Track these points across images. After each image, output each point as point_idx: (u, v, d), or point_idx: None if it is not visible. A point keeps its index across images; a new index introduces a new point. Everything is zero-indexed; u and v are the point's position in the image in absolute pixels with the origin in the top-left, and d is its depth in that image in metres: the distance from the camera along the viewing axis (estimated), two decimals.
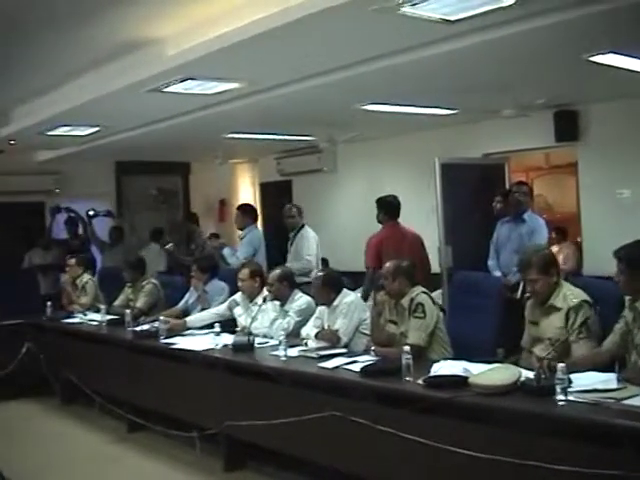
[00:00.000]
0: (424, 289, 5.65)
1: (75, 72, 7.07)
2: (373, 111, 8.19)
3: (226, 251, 8.99)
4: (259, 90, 7.08)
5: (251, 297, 6.93)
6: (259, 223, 10.47)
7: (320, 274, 6.44)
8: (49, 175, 11.99)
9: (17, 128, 8.85)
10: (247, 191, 13.77)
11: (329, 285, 6.20)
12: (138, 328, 7.35)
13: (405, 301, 5.57)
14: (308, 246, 8.44)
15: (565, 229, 10.41)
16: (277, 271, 6.76)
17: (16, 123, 8.83)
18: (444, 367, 4.64)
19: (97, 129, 9.02)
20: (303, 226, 8.65)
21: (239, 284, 6.99)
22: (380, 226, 8.18)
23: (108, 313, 8.19)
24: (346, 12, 4.75)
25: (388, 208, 8.14)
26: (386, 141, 10.75)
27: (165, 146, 10.52)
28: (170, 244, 10.65)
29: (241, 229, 9.15)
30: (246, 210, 9.31)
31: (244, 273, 6.95)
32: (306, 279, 7.69)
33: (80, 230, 11.58)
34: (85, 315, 8.58)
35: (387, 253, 7.32)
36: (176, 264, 10.61)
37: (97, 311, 8.36)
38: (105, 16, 5.54)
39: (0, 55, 6.37)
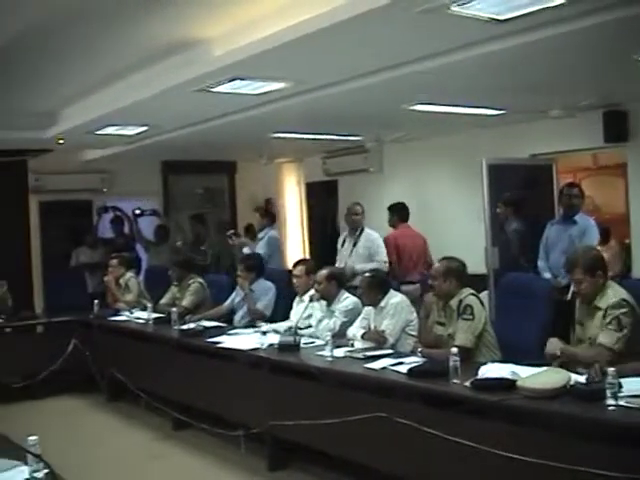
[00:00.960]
0: (473, 291, 5.60)
1: (123, 72, 7.11)
2: (420, 111, 8.15)
3: (246, 250, 9.30)
4: (306, 90, 7.07)
5: (329, 300, 6.75)
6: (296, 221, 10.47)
7: (367, 275, 6.42)
8: (96, 174, 12.10)
9: (66, 127, 8.93)
10: (293, 190, 13.77)
11: (376, 286, 6.18)
12: (184, 326, 7.38)
13: (454, 302, 5.52)
14: (383, 249, 8.40)
15: (609, 230, 10.26)
16: (324, 271, 6.75)
17: (65, 123, 8.92)
18: (492, 370, 4.60)
19: (145, 129, 9.07)
20: (364, 227, 8.59)
21: (294, 280, 6.93)
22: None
23: (154, 311, 8.25)
24: (393, 13, 4.72)
25: (401, 212, 9.24)
26: (433, 141, 10.69)
27: (211, 145, 10.56)
28: (179, 242, 10.83)
29: (259, 231, 9.59)
30: (264, 214, 9.81)
31: (299, 270, 6.89)
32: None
33: (126, 229, 11.67)
34: (132, 313, 8.66)
35: (403, 250, 8.84)
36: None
37: (143, 309, 8.43)
38: (153, 17, 5.57)
39: (49, 55, 6.42)
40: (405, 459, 4.85)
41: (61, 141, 9.51)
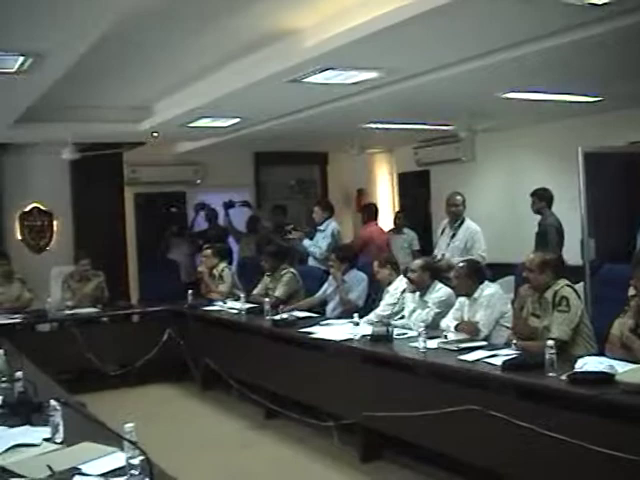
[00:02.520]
0: (568, 282, 5.48)
1: (216, 65, 7.16)
2: (514, 99, 8.01)
3: (306, 242, 9.37)
4: (398, 79, 7.01)
5: (422, 290, 6.69)
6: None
7: (463, 264, 6.34)
8: (190, 166, 12.26)
9: (159, 120, 9.05)
10: (384, 181, 13.71)
11: (471, 275, 6.11)
12: (277, 317, 7.42)
13: (549, 294, 5.41)
14: (482, 242, 8.28)
15: None
16: (419, 260, 6.70)
17: (158, 115, 9.04)
18: (589, 363, 4.49)
19: (237, 120, 9.14)
20: (464, 218, 8.47)
21: (409, 275, 6.77)
22: None
23: (247, 301, 8.30)
24: None
25: (373, 212, 11.11)
26: (526, 130, 10.50)
27: (303, 136, 10.58)
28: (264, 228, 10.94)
29: (320, 223, 9.51)
30: (325, 206, 9.76)
31: (415, 265, 6.80)
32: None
33: (219, 220, 11.78)
34: (225, 303, 8.74)
35: (374, 245, 10.23)
36: None
37: (236, 299, 8.51)
38: (244, 9, 5.59)
39: (144, 49, 6.51)
40: (498, 453, 4.79)
41: (155, 134, 9.64)
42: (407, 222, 10.94)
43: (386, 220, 13.40)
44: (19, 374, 4.48)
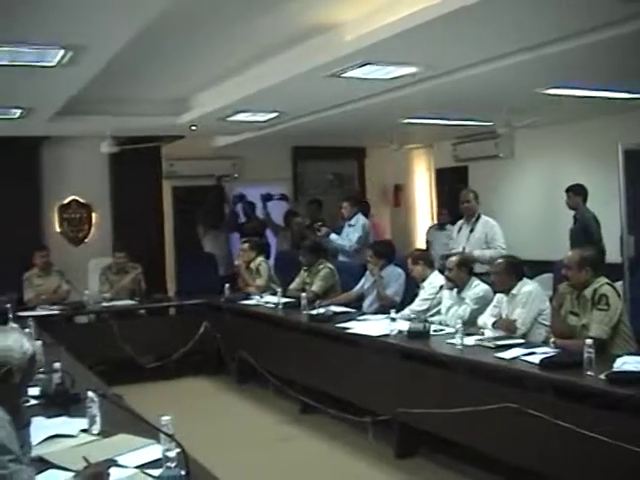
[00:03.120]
0: (608, 280, 5.42)
1: (255, 59, 7.16)
2: (554, 95, 7.92)
3: (333, 236, 9.47)
4: (437, 74, 6.96)
5: (459, 286, 6.65)
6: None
7: (502, 260, 6.29)
8: (227, 160, 12.27)
9: (198, 114, 9.06)
10: (422, 176, 13.67)
11: (510, 271, 6.06)
12: (313, 311, 7.42)
13: (588, 292, 5.36)
14: (500, 235, 8.21)
15: None
16: (455, 257, 6.66)
17: (197, 109, 9.05)
18: (628, 362, 4.46)
19: (276, 115, 9.13)
20: (480, 214, 8.42)
21: (446, 274, 6.76)
22: None
23: (284, 296, 8.32)
24: None
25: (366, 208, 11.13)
26: (566, 126, 10.39)
27: (341, 131, 10.55)
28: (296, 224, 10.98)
29: (350, 218, 9.65)
30: (354, 202, 9.94)
31: (452, 262, 6.75)
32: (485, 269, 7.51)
33: (258, 213, 11.79)
34: (262, 297, 8.75)
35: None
36: None
37: (273, 293, 8.51)
38: (284, 2, 5.58)
39: (182, 43, 6.52)
40: (534, 451, 4.76)
41: (194, 127, 9.67)
42: (449, 219, 10.89)
43: (424, 216, 13.41)
44: (57, 365, 4.52)
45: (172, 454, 3.01)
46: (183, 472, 2.97)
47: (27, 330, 5.79)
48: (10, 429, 2.68)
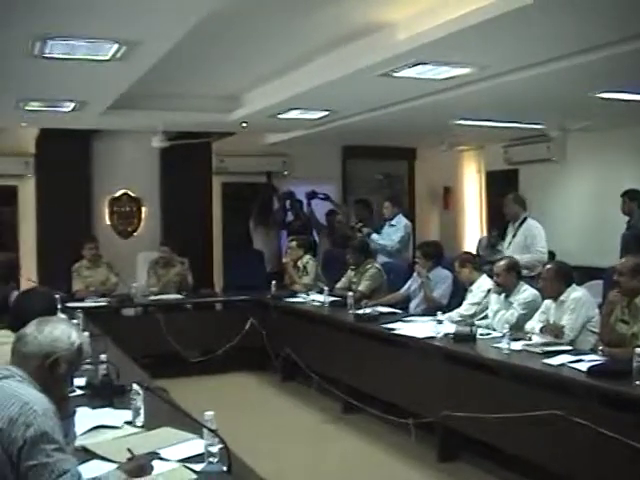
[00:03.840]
0: None
1: (307, 57, 7.16)
2: (608, 99, 7.82)
3: (374, 236, 9.39)
4: (490, 76, 6.91)
5: (507, 291, 6.54)
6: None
7: (551, 265, 6.20)
8: (277, 157, 12.29)
9: (249, 111, 9.08)
10: (472, 179, 13.56)
11: (560, 277, 5.97)
12: (360, 311, 7.39)
13: (639, 300, 5.27)
14: (541, 239, 8.07)
15: None
16: (504, 261, 6.60)
17: (248, 106, 9.08)
18: None
19: (327, 113, 9.13)
20: (526, 218, 8.25)
21: (495, 278, 6.65)
22: None
23: (330, 294, 8.31)
24: None
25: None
26: (619, 130, 10.25)
27: (392, 131, 10.51)
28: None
29: (391, 218, 9.59)
30: (395, 202, 9.85)
31: (499, 267, 6.64)
32: (532, 273, 7.42)
33: (304, 210, 11.79)
34: (308, 295, 8.76)
35: None
36: None
37: (320, 292, 8.51)
38: (338, 1, 5.57)
39: (235, 40, 6.54)
40: (579, 460, 4.70)
41: (244, 124, 9.70)
42: (499, 240, 10.77)
43: (473, 219, 13.31)
44: (103, 357, 4.56)
45: (214, 449, 3.02)
46: (225, 467, 2.98)
47: (75, 321, 5.85)
48: (55, 419, 2.70)
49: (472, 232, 13.29)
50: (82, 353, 2.95)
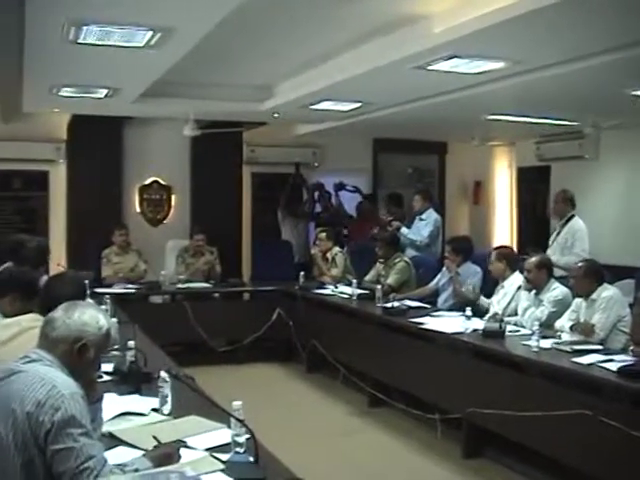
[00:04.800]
0: None
1: (340, 48, 7.12)
2: None
3: (404, 230, 9.39)
4: (524, 71, 6.84)
5: (538, 288, 6.50)
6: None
7: (582, 264, 6.15)
8: (308, 148, 12.25)
9: (281, 101, 9.06)
10: (503, 174, 13.45)
11: (591, 276, 5.92)
12: (388, 304, 7.37)
13: None
14: (583, 241, 7.97)
15: None
16: (534, 258, 6.54)
17: (280, 96, 9.05)
18: None
19: (359, 105, 9.08)
20: (573, 216, 8.16)
21: (525, 274, 6.62)
22: None
23: (359, 287, 8.28)
24: None
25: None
26: None
27: (423, 124, 10.45)
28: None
29: (421, 212, 9.58)
30: (426, 196, 9.84)
31: (530, 263, 6.58)
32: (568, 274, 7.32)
33: (333, 201, 11.77)
34: (336, 287, 8.75)
35: None
36: None
37: (348, 284, 8.51)
38: None
39: (268, 29, 6.52)
40: (607, 461, 4.66)
41: (276, 114, 9.69)
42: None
43: (503, 214, 13.22)
44: (131, 343, 4.57)
45: (241, 439, 3.01)
46: (251, 458, 2.97)
47: (103, 307, 5.87)
48: (83, 403, 2.71)
49: (502, 228, 13.20)
50: (110, 338, 2.96)
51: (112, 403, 3.69)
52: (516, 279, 6.91)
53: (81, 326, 2.83)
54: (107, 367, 4.40)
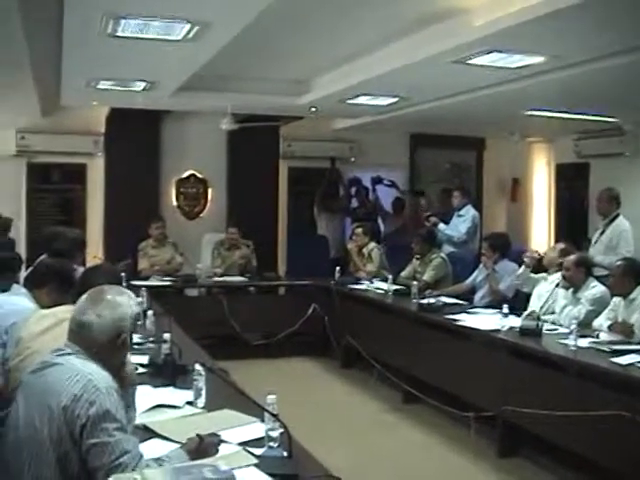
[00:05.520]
0: None
1: (378, 42, 7.10)
2: None
3: (442, 226, 9.38)
4: (564, 65, 6.78)
5: (576, 286, 6.41)
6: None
7: (621, 262, 6.06)
8: (345, 143, 12.23)
9: (318, 96, 9.05)
10: (541, 171, 13.34)
11: (630, 275, 5.83)
12: (423, 301, 7.33)
13: None
14: (627, 241, 7.80)
15: None
16: (573, 257, 6.46)
17: (318, 91, 9.04)
18: None
19: (396, 100, 9.05)
20: (618, 215, 7.98)
21: (563, 272, 6.52)
22: None
23: (394, 283, 8.25)
24: None
25: None
26: None
27: (461, 120, 10.40)
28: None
29: (459, 208, 9.55)
30: (465, 192, 9.79)
31: (569, 261, 6.50)
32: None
33: (369, 196, 11.74)
34: (372, 283, 8.73)
35: None
36: None
37: (384, 280, 8.47)
38: None
39: (306, 23, 6.50)
40: None
41: (313, 109, 9.67)
42: None
43: (541, 211, 13.12)
44: (166, 336, 4.58)
45: (275, 434, 3.00)
46: (285, 453, 2.95)
47: (139, 299, 5.88)
48: (117, 398, 2.71)
49: (540, 225, 13.10)
50: (139, 318, 2.97)
51: (146, 395, 3.71)
52: (554, 276, 6.84)
53: (118, 322, 2.84)
54: (142, 359, 4.41)
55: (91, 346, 2.80)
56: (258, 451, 3.02)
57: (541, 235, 12.78)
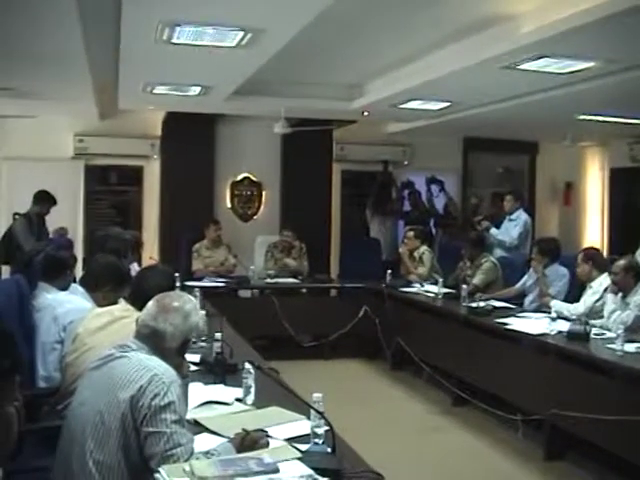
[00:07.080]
0: None
1: (429, 47, 7.16)
2: None
3: (493, 231, 9.35)
4: (617, 70, 6.76)
5: (625, 291, 6.33)
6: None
7: None
8: (398, 147, 12.29)
9: (371, 100, 9.12)
10: (595, 176, 13.24)
11: None
12: (473, 304, 7.36)
13: None
14: None
15: None
16: (622, 261, 6.44)
17: (370, 95, 9.11)
18: None
19: (448, 104, 9.09)
20: None
21: (612, 277, 6.47)
22: None
23: (445, 286, 8.29)
24: None
25: None
26: None
27: (514, 124, 10.39)
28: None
29: (511, 212, 9.50)
30: (517, 196, 9.72)
31: (618, 266, 6.42)
32: None
33: (423, 200, 11.75)
34: (422, 286, 8.76)
35: None
36: None
37: (434, 283, 8.50)
38: None
39: (358, 29, 6.58)
40: None
41: (366, 113, 9.75)
42: None
43: (595, 217, 13.01)
44: (218, 335, 4.68)
45: (320, 431, 3.07)
46: (329, 449, 3.03)
47: (193, 299, 5.99)
48: (180, 393, 2.86)
49: (593, 230, 13.00)
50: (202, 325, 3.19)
51: (197, 392, 3.82)
52: (604, 280, 6.81)
53: (188, 331, 3.05)
54: (194, 357, 4.52)
55: (159, 348, 2.98)
56: (303, 447, 3.09)
57: (594, 240, 12.68)
